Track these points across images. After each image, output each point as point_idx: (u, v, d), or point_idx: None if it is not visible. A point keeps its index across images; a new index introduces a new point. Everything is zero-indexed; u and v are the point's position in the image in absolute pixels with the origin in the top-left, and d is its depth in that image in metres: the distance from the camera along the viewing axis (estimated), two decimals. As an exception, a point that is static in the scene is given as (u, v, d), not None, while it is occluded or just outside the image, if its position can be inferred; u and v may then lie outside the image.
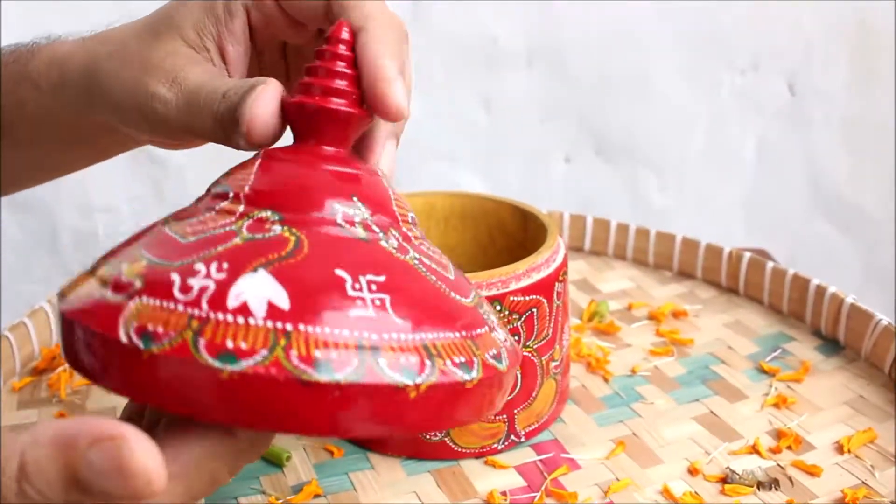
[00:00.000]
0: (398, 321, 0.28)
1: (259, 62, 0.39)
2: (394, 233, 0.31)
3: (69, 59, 0.39)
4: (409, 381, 0.27)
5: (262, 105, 0.32)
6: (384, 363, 0.27)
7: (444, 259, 0.33)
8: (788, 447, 0.46)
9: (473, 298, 0.32)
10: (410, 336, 0.28)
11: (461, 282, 0.33)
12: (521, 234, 0.53)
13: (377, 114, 0.33)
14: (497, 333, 0.32)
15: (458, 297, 0.31)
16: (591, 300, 0.62)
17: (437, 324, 0.29)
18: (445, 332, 0.29)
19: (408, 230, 0.32)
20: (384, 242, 0.30)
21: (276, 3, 0.36)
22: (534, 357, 0.46)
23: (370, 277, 0.28)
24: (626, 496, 0.43)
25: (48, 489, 0.23)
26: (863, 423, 0.49)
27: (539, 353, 0.46)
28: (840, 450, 0.46)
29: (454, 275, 0.33)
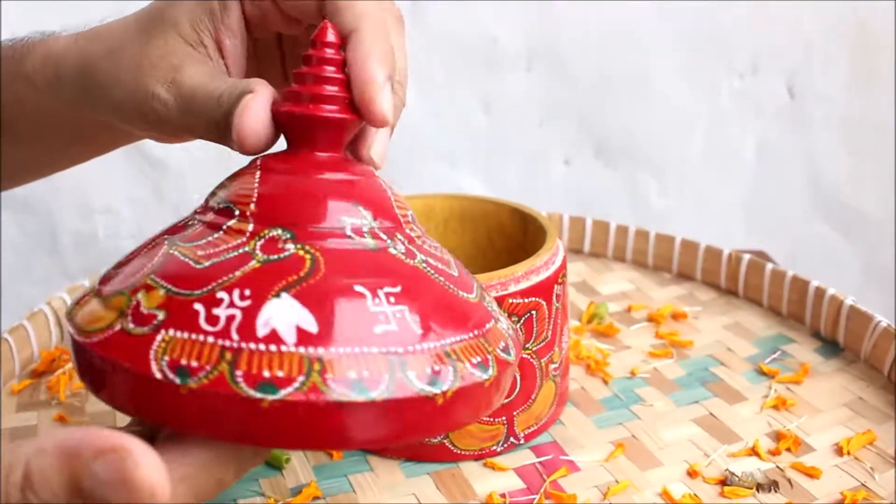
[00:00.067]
0: (419, 331, 0.28)
1: (255, 51, 0.39)
2: (399, 237, 0.32)
3: (64, 57, 0.39)
4: (437, 390, 0.28)
5: (250, 116, 0.32)
6: (413, 375, 0.27)
7: (446, 254, 0.34)
8: (788, 449, 0.47)
9: (476, 292, 0.33)
10: (432, 345, 0.29)
11: (463, 277, 0.34)
12: (521, 237, 0.53)
13: (363, 118, 0.33)
14: (501, 323, 0.33)
15: (465, 295, 0.32)
16: (591, 302, 0.62)
17: (453, 327, 0.30)
18: (461, 335, 0.30)
19: (410, 231, 0.33)
20: (393, 249, 0.31)
21: (271, 0, 0.36)
22: (533, 359, 0.46)
23: (387, 290, 0.29)
24: (626, 498, 0.43)
25: (52, 498, 0.23)
26: (862, 425, 0.49)
27: (538, 356, 0.46)
28: (839, 452, 0.46)
29: (457, 270, 0.33)
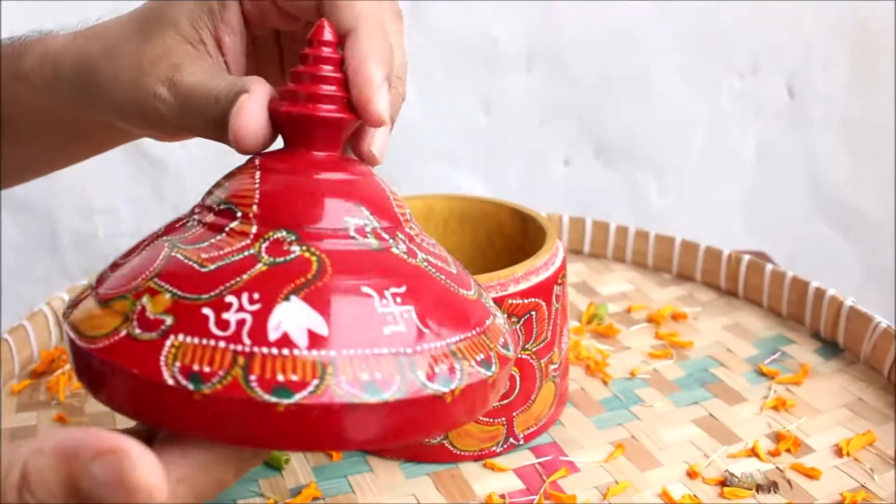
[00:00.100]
0: (426, 331, 0.29)
1: (253, 47, 0.39)
2: (400, 236, 0.32)
3: (61, 56, 0.39)
4: (446, 389, 0.28)
5: (246, 116, 0.31)
6: (422, 375, 0.28)
7: (443, 252, 0.34)
8: (787, 450, 0.47)
9: (474, 289, 0.34)
10: (439, 344, 0.29)
11: (461, 274, 0.34)
12: (520, 237, 0.53)
13: (360, 118, 0.33)
14: (498, 319, 0.33)
15: (465, 293, 0.32)
16: (591, 303, 0.62)
17: (457, 326, 0.30)
18: (464, 333, 0.30)
19: (409, 229, 0.33)
20: (395, 249, 0.31)
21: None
22: (533, 360, 0.46)
23: (393, 290, 0.29)
24: (625, 499, 0.43)
25: (49, 499, 0.23)
26: (862, 426, 0.49)
27: (538, 356, 0.46)
28: (839, 452, 0.46)
29: (455, 268, 0.34)
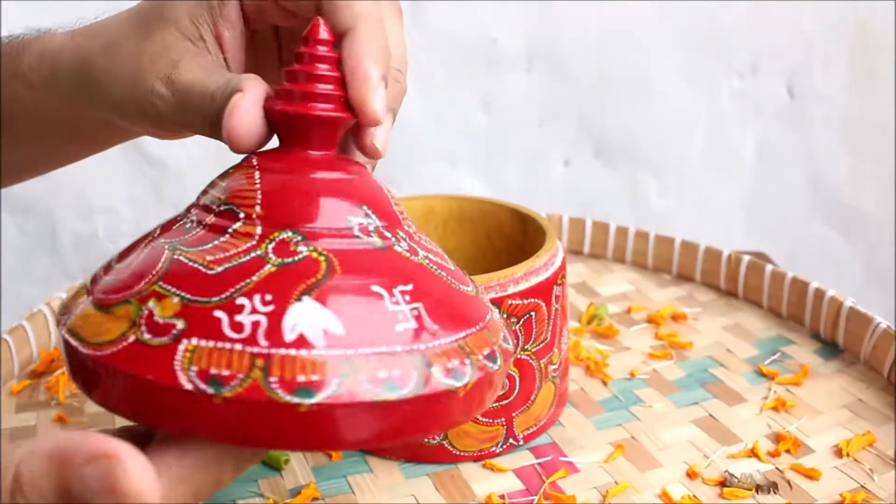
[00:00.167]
0: (435, 327, 0.29)
1: (252, 43, 0.39)
2: (401, 234, 0.32)
3: (59, 54, 0.39)
4: (459, 383, 0.28)
5: (240, 115, 0.31)
6: (437, 371, 0.28)
7: (440, 249, 0.34)
8: (787, 450, 0.46)
9: (471, 285, 0.34)
10: (448, 339, 0.29)
11: (458, 271, 0.34)
12: (520, 237, 0.53)
13: (356, 117, 0.33)
14: (495, 314, 0.33)
15: (465, 289, 0.32)
16: (590, 303, 0.62)
17: (463, 321, 0.30)
18: (470, 328, 0.30)
19: (408, 227, 0.33)
20: (398, 247, 0.31)
21: None
22: (532, 360, 0.46)
23: (401, 288, 0.29)
24: (625, 499, 0.43)
25: (40, 501, 0.23)
26: (862, 427, 0.49)
27: (537, 357, 0.46)
28: (839, 453, 0.46)
29: (452, 265, 0.34)
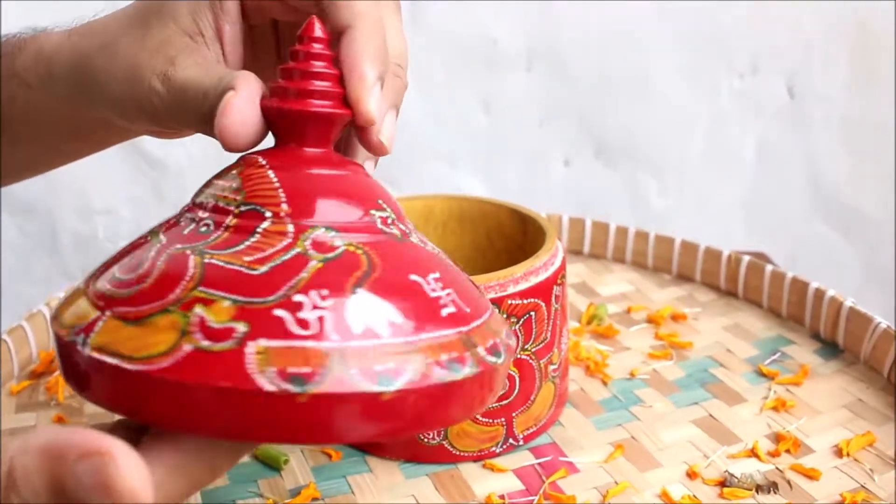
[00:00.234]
0: (468, 310, 0.29)
1: (251, 37, 0.39)
2: (410, 226, 0.32)
3: (56, 54, 0.39)
4: (500, 361, 0.29)
5: (232, 114, 0.31)
6: (482, 351, 0.28)
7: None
8: (787, 450, 0.46)
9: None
10: (480, 321, 0.30)
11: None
12: (520, 237, 0.53)
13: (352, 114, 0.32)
14: (494, 307, 0.34)
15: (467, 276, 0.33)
16: (590, 303, 0.62)
17: (483, 305, 0.31)
18: (488, 311, 0.31)
19: (408, 221, 0.33)
20: (413, 238, 0.31)
21: None
22: (532, 360, 0.46)
23: (433, 276, 0.29)
24: (625, 499, 0.43)
25: (34, 498, 0.23)
26: (862, 427, 0.49)
27: (537, 357, 0.46)
28: (839, 453, 0.46)
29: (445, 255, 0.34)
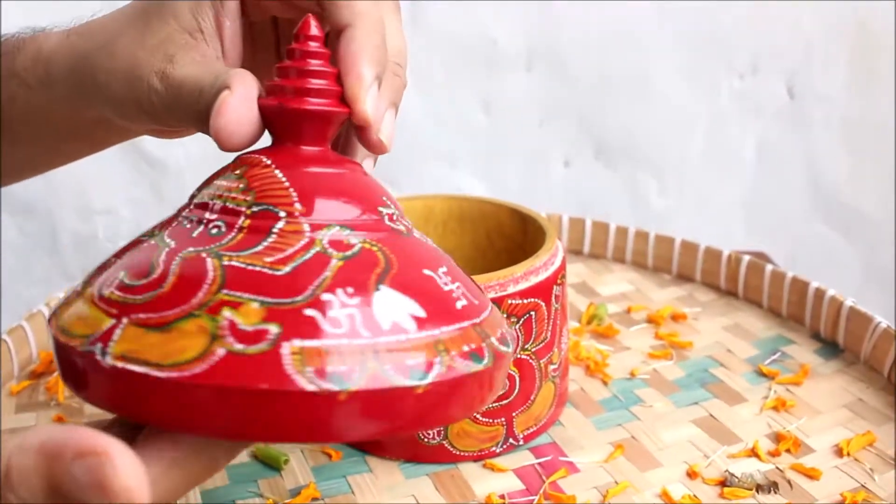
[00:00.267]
0: (476, 302, 0.30)
1: (250, 34, 0.39)
2: (410, 223, 0.32)
3: (55, 55, 0.39)
4: (510, 350, 0.30)
5: (227, 113, 0.31)
6: (495, 341, 0.29)
7: None
8: (787, 450, 0.46)
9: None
10: (488, 314, 0.30)
11: None
12: (520, 237, 0.53)
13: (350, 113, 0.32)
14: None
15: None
16: (590, 303, 0.62)
17: (485, 301, 0.31)
18: (489, 307, 0.31)
19: (405, 217, 0.33)
20: (416, 234, 0.32)
21: None
22: (532, 360, 0.46)
23: (441, 269, 0.30)
24: (625, 499, 0.43)
25: (30, 498, 0.23)
26: (862, 427, 0.49)
27: (537, 357, 0.46)
28: (839, 453, 0.46)
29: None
